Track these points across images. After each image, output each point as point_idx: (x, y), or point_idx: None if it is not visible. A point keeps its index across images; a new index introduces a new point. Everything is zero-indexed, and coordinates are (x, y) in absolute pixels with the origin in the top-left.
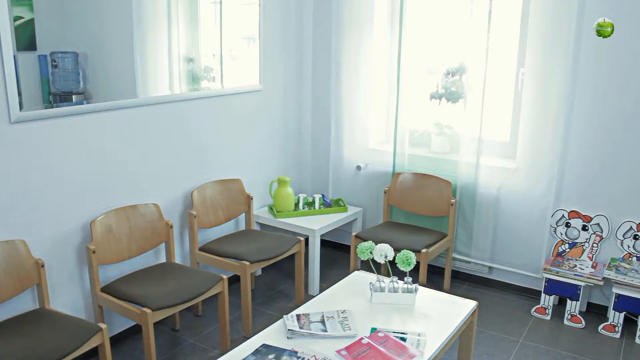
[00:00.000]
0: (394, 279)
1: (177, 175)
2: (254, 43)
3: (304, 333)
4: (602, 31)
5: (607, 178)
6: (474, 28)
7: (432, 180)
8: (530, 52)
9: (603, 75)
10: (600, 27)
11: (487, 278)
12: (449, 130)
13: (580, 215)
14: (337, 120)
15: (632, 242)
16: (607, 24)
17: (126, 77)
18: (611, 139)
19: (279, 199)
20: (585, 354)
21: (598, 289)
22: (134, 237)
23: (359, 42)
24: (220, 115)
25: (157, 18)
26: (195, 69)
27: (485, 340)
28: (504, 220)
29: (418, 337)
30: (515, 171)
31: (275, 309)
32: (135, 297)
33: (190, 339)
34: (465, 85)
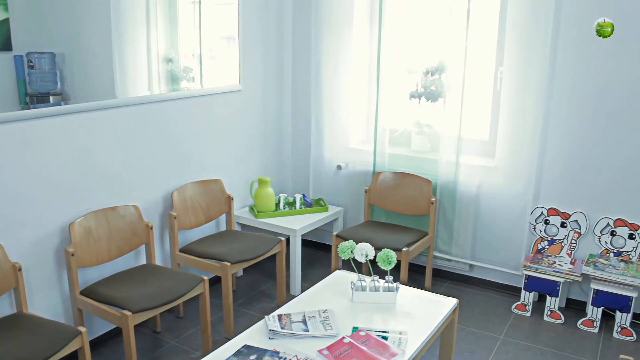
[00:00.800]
0: (375, 277)
1: (157, 176)
2: (233, 43)
3: (285, 333)
4: (602, 31)
5: (585, 175)
6: (452, 27)
7: (412, 179)
8: (509, 51)
9: (580, 75)
10: (600, 27)
11: (468, 276)
12: (429, 129)
13: (559, 213)
14: (318, 120)
15: (609, 238)
16: (607, 24)
17: (105, 77)
18: (589, 137)
19: (259, 199)
20: (564, 349)
21: (577, 285)
22: (114, 239)
23: (338, 42)
24: (200, 115)
25: (135, 18)
26: (175, 69)
27: (466, 337)
28: (484, 218)
29: (399, 335)
30: (494, 169)
31: (257, 309)
32: (115, 299)
33: (171, 340)
34: (444, 84)
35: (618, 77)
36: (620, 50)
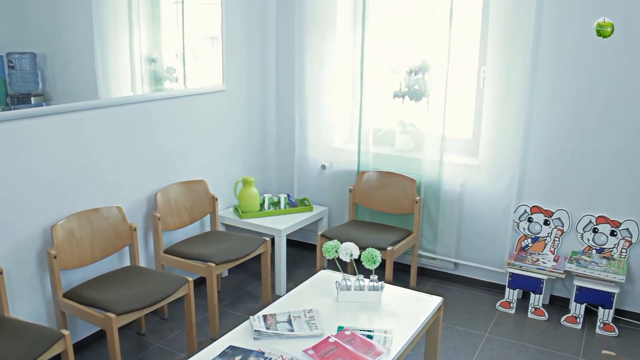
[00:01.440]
0: (360, 277)
1: (141, 178)
2: (216, 43)
3: (270, 333)
4: (602, 31)
5: (567, 173)
6: (435, 27)
7: (396, 178)
8: (491, 51)
9: (562, 74)
10: (600, 27)
11: (452, 274)
12: (413, 129)
13: (542, 210)
14: (302, 120)
15: (591, 235)
16: (607, 24)
17: (87, 78)
18: (571, 135)
19: (244, 199)
20: (548, 346)
21: (560, 282)
22: (97, 240)
23: (322, 42)
24: (184, 115)
25: (117, 18)
26: (158, 70)
27: (451, 335)
28: (468, 217)
29: (385, 334)
30: (478, 168)
31: (242, 310)
32: (99, 301)
33: (156, 342)
34: (428, 83)
35: (599, 76)
36: (602, 49)
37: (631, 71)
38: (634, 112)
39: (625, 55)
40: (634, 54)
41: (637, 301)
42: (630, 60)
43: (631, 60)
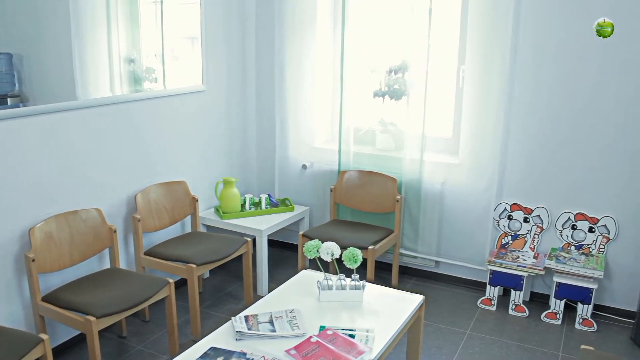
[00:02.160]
0: (342, 276)
1: (120, 179)
2: (196, 43)
3: (252, 334)
4: (602, 31)
5: (546, 171)
6: (415, 26)
7: (377, 178)
8: (470, 50)
9: (540, 73)
10: (600, 27)
11: (434, 272)
12: (393, 128)
13: (522, 208)
14: (282, 120)
15: (570, 232)
16: (607, 24)
17: (65, 78)
18: (550, 133)
19: (225, 200)
20: (529, 342)
21: (540, 279)
22: (76, 243)
23: (302, 41)
24: (163, 116)
25: (95, 18)
26: (137, 70)
27: (433, 333)
28: (448, 215)
29: (367, 333)
30: (458, 166)
31: (224, 311)
32: (79, 305)
33: (137, 345)
34: (407, 82)
35: (577, 75)
36: (581, 48)
37: (609, 70)
38: (611, 110)
39: (604, 54)
40: (612, 53)
41: (615, 296)
42: (609, 59)
43: (609, 60)
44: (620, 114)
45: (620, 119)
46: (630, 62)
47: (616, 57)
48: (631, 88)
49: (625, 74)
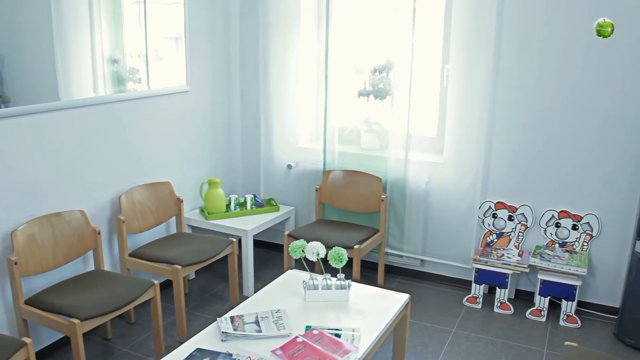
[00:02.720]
0: (327, 276)
1: (104, 180)
2: (180, 43)
3: (238, 335)
4: (602, 31)
5: (530, 169)
6: (399, 26)
7: (362, 177)
8: (454, 49)
9: (524, 72)
10: (600, 27)
11: (419, 271)
12: (378, 127)
13: (506, 206)
14: (267, 120)
15: (554, 229)
16: (607, 24)
17: (47, 79)
18: (533, 132)
19: (210, 200)
20: (514, 339)
21: (525, 276)
22: (59, 245)
23: (286, 41)
24: (147, 117)
25: (78, 17)
26: (121, 70)
27: (419, 331)
28: (433, 214)
29: (352, 332)
30: (443, 165)
31: (210, 312)
32: (63, 307)
33: (123, 347)
34: (392, 82)
35: (561, 74)
36: (565, 47)
37: (592, 69)
38: (595, 109)
39: (587, 54)
40: (595, 53)
41: (598, 293)
42: (592, 59)
43: (593, 59)
44: (602, 114)
45: (603, 118)
46: (612, 62)
47: (599, 56)
48: (614, 87)
49: (608, 73)
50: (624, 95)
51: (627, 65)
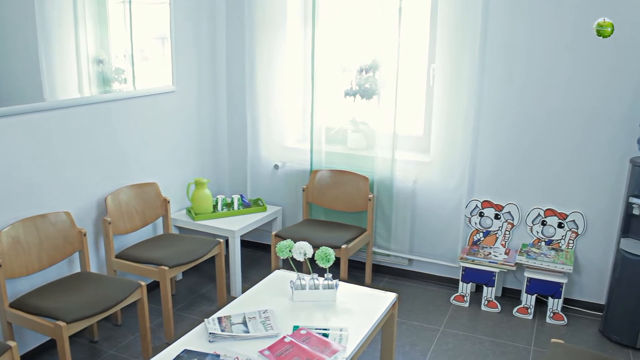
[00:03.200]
0: (314, 276)
1: (89, 181)
2: (167, 43)
3: (225, 336)
4: (602, 31)
5: (516, 168)
6: (385, 25)
7: (349, 177)
8: (440, 48)
9: (510, 71)
10: (600, 27)
11: (407, 270)
12: (365, 127)
13: (493, 205)
14: (253, 120)
15: (540, 227)
16: (607, 24)
17: (31, 80)
18: (519, 131)
19: (196, 201)
20: (501, 337)
21: (511, 274)
22: (45, 247)
23: (272, 41)
24: (133, 117)
25: (62, 17)
26: (106, 71)
27: (407, 330)
28: (420, 213)
29: (340, 332)
30: (429, 164)
31: (198, 313)
32: (48, 310)
33: (110, 349)
34: (378, 81)
35: (546, 73)
36: (550, 47)
37: (579, 69)
38: (580, 108)
39: (573, 54)
40: (582, 52)
41: (584, 290)
42: (578, 59)
43: (578, 59)
44: (588, 113)
45: (588, 117)
46: (598, 62)
47: (585, 56)
48: (600, 87)
49: (593, 72)
50: (609, 95)
51: (613, 65)
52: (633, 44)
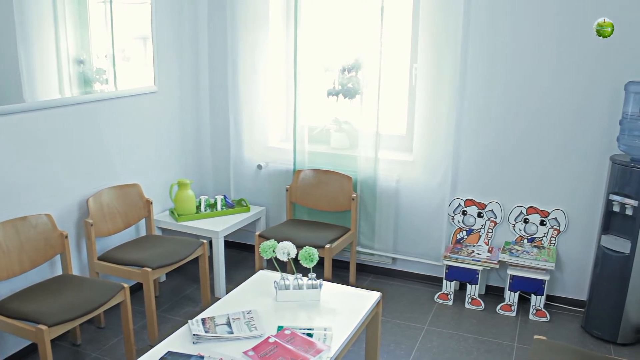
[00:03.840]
0: (298, 276)
1: (71, 183)
2: (148, 43)
3: (209, 337)
4: (602, 31)
5: (498, 166)
6: (367, 25)
7: (332, 176)
8: (423, 48)
9: (491, 70)
10: (600, 27)
11: (391, 269)
12: (348, 126)
13: (476, 203)
14: (236, 120)
15: (522, 225)
16: (607, 24)
17: (11, 80)
18: (501, 129)
19: (179, 202)
20: (485, 334)
21: (495, 272)
22: (25, 250)
23: (255, 41)
24: (115, 118)
25: (42, 17)
26: (87, 71)
27: (392, 329)
28: (404, 212)
29: (324, 332)
30: (412, 164)
31: (182, 314)
32: (29, 314)
33: (93, 352)
34: (361, 81)
35: (528, 73)
36: (531, 46)
37: (560, 69)
38: (561, 107)
39: (555, 53)
40: (564, 52)
41: (566, 287)
42: (560, 58)
43: (561, 58)
44: (569, 112)
45: (569, 116)
46: (580, 62)
47: (567, 56)
48: (581, 86)
49: (575, 72)
50: (590, 94)
51: (594, 65)
52: (611, 44)
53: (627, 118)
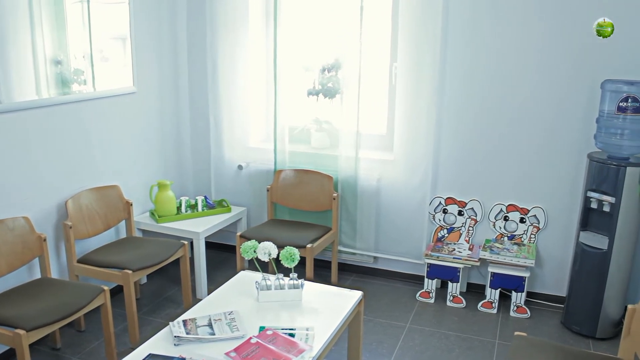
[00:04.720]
0: (280, 276)
1: (49, 185)
2: (127, 43)
3: (191, 338)
4: (602, 31)
5: (478, 165)
6: (347, 24)
7: (313, 176)
8: (402, 47)
9: (471, 69)
10: (600, 27)
11: (373, 268)
12: (328, 126)
13: (456, 201)
14: (216, 120)
15: (502, 223)
16: (607, 24)
17: None
18: (481, 128)
19: (160, 203)
20: (467, 332)
21: (476, 270)
22: (3, 254)
23: (234, 40)
24: (93, 119)
25: (17, 17)
26: (65, 72)
27: (374, 328)
28: (385, 211)
29: (307, 331)
30: (393, 163)
31: (163, 316)
32: (7, 318)
33: (73, 356)
34: (341, 80)
35: (507, 72)
36: (511, 45)
37: (540, 68)
38: (539, 106)
39: (535, 52)
40: (544, 51)
41: (546, 283)
42: (539, 57)
43: (541, 58)
44: (548, 111)
45: (548, 115)
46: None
47: (547, 55)
48: (560, 86)
49: (555, 72)
50: (568, 93)
51: (572, 64)
52: (588, 44)
53: (604, 116)
